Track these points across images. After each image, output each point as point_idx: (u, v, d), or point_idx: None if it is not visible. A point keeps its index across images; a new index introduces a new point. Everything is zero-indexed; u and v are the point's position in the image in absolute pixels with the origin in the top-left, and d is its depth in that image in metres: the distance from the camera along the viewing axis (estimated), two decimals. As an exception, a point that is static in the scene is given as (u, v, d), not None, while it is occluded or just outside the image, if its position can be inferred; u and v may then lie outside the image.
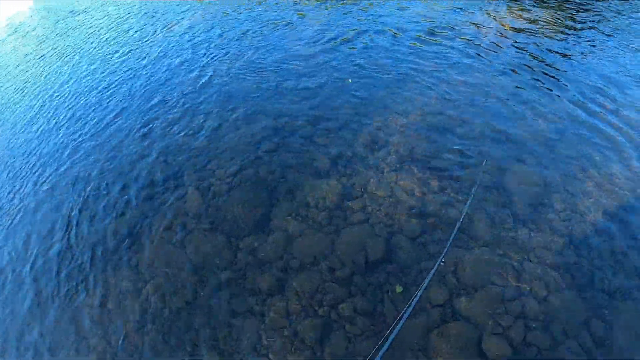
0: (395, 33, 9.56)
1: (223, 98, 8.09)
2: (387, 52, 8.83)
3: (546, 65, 8.06)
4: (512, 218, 5.22)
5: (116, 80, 9.73)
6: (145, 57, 10.51)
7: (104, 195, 6.41)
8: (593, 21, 9.62)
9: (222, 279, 5.01)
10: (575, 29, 9.36)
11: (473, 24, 9.75)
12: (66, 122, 8.72)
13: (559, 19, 9.84)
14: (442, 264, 4.33)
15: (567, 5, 10.49)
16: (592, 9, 10.25)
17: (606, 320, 4.27)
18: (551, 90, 7.32)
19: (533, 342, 4.17)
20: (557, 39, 8.94)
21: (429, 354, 4.20)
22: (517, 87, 7.46)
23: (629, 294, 4.46)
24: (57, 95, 9.95)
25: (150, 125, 7.63)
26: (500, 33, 9.28)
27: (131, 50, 11.24)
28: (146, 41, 11.58)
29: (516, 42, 8.88)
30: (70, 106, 9.27)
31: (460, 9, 10.59)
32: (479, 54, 8.46)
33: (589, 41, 8.79)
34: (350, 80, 6.67)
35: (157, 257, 5.34)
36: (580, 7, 10.38)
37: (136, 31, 12.61)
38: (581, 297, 4.43)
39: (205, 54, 9.97)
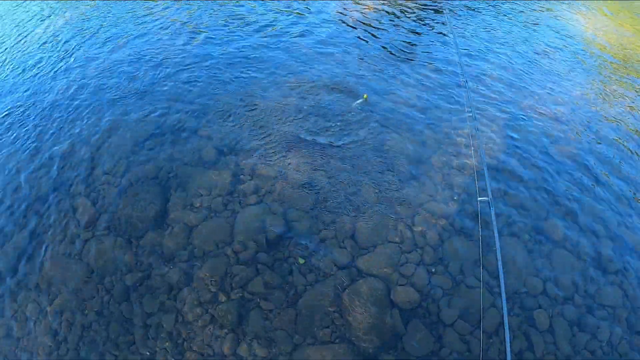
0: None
1: (94, 102, 7.61)
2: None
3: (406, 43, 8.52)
4: (397, 180, 5.52)
5: None
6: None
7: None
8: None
9: (129, 281, 4.97)
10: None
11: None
12: None
13: None
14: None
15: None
16: None
17: (496, 254, 4.68)
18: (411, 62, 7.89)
19: (436, 284, 4.53)
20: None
21: (344, 313, 4.44)
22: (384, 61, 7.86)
23: (511, 229, 4.93)
24: None
25: (27, 138, 7.10)
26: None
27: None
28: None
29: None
30: None
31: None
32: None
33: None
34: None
35: (57, 273, 5.16)
36: None
37: None
38: (471, 240, 4.82)
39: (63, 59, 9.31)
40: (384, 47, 8.55)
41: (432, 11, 10.07)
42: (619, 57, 9.23)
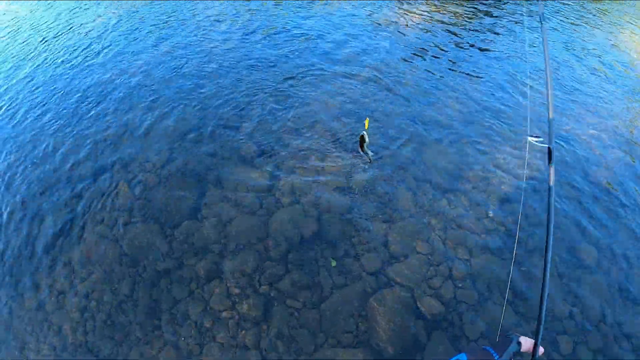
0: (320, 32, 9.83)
1: (144, 92, 8.02)
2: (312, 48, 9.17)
3: (457, 55, 8.68)
4: (433, 192, 5.61)
5: (28, 81, 9.28)
6: (64, 61, 10.08)
7: (31, 196, 6.22)
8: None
9: (160, 268, 5.08)
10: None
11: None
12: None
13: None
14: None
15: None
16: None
17: (524, 274, 4.71)
18: (462, 76, 7.98)
19: (462, 298, 4.57)
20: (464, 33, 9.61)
21: (369, 319, 4.48)
22: (431, 73, 8.01)
23: (541, 251, 4.94)
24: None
25: (73, 125, 7.39)
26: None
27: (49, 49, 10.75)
28: (54, 42, 11.08)
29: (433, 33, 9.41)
30: None
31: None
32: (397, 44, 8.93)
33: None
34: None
35: (92, 254, 5.32)
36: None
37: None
38: (500, 258, 4.87)
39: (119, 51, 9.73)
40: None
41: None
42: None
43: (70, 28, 11.31)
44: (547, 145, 1.72)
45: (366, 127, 5.39)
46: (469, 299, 4.60)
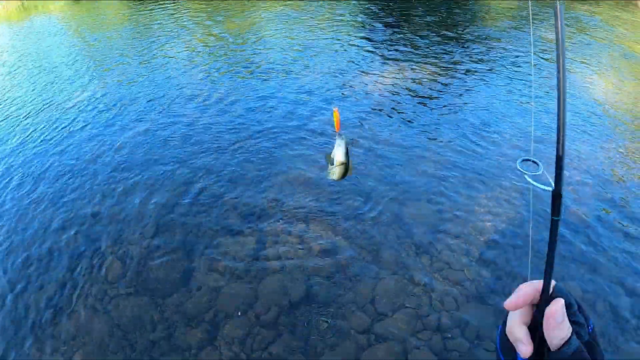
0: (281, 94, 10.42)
1: (123, 163, 8.33)
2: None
3: (425, 113, 9.35)
4: (414, 246, 5.95)
5: (13, 160, 9.43)
6: (57, 128, 10.39)
7: (18, 269, 6.26)
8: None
9: (152, 339, 5.16)
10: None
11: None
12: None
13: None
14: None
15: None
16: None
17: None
18: (432, 134, 8.51)
19: (453, 348, 4.82)
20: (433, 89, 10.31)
21: (361, 376, 4.68)
22: (400, 133, 8.56)
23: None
24: None
25: (59, 198, 7.58)
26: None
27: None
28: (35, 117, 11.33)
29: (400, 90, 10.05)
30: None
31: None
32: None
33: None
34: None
35: (82, 327, 5.36)
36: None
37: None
38: (487, 305, 5.18)
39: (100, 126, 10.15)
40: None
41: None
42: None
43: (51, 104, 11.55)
44: (550, 189, 1.05)
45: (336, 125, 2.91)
46: (459, 347, 4.83)
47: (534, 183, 1.07)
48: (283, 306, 5.29)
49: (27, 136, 9.99)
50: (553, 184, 1.01)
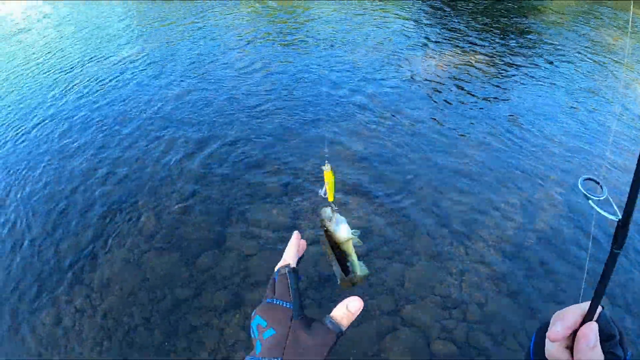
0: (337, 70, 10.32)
1: (166, 121, 8.44)
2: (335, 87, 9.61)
3: (477, 99, 9.11)
4: (450, 235, 5.90)
5: (63, 105, 9.68)
6: (102, 81, 10.59)
7: (58, 215, 6.43)
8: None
9: (180, 296, 5.22)
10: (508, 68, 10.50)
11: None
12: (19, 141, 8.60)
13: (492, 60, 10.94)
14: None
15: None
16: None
17: (541, 320, 4.95)
18: (482, 122, 8.32)
19: (475, 343, 4.77)
20: (490, 77, 10.05)
21: (382, 357, 4.67)
22: (453, 123, 8.40)
23: (558, 297, 5.22)
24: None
25: (105, 150, 7.78)
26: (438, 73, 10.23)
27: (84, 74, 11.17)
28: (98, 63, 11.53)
29: (455, 79, 9.87)
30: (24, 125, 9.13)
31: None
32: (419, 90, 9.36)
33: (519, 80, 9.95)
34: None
35: (113, 276, 5.47)
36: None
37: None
38: (516, 302, 5.12)
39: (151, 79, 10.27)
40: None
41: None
42: None
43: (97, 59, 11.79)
44: (615, 218, 0.91)
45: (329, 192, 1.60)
46: (482, 343, 4.77)
47: (598, 209, 0.98)
48: (312, 278, 5.28)
49: (73, 87, 10.29)
50: (619, 212, 0.90)
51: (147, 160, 7.33)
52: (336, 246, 1.35)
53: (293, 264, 1.22)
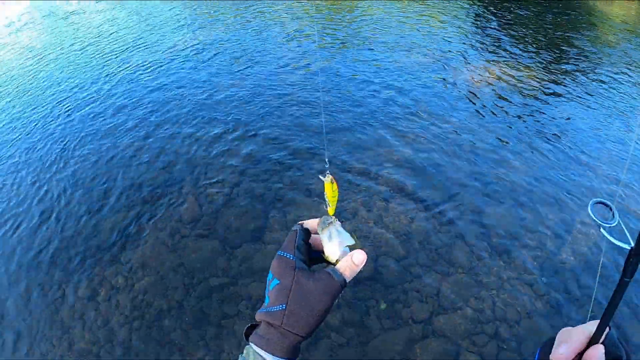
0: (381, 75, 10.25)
1: (225, 114, 8.50)
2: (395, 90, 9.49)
3: (520, 111, 8.90)
4: (489, 249, 5.73)
5: (114, 87, 10.01)
6: (153, 67, 10.91)
7: (102, 194, 6.57)
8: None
9: (215, 283, 5.21)
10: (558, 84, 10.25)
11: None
12: (66, 123, 8.90)
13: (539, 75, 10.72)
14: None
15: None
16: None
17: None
18: (529, 140, 8.09)
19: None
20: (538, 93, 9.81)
21: (411, 365, 4.54)
22: (497, 134, 8.19)
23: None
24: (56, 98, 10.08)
25: (154, 133, 7.95)
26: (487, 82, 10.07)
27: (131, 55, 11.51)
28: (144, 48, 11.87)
29: (501, 92, 9.69)
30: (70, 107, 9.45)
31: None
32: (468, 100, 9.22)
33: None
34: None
35: (151, 257, 5.51)
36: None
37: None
38: (550, 324, 4.92)
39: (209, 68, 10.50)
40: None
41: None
42: None
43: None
44: (627, 247, 0.87)
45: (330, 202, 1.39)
46: (513, 361, 4.63)
47: (608, 237, 0.94)
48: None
49: (125, 69, 10.65)
50: (631, 240, 0.85)
51: (194, 148, 7.40)
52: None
53: (306, 226, 1.25)
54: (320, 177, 1.26)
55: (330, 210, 1.32)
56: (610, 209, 0.97)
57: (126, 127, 8.20)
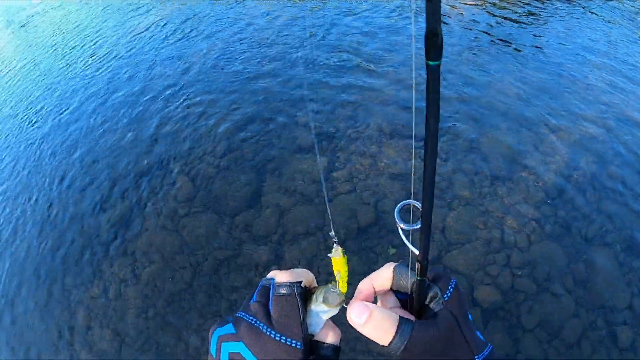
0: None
1: (202, 86, 8.26)
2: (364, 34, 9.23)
3: (513, 36, 8.62)
4: (490, 177, 5.60)
5: (97, 73, 9.82)
6: (126, 51, 10.58)
7: (90, 188, 6.49)
8: None
9: (220, 257, 5.16)
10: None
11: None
12: (45, 117, 8.77)
13: None
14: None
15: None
16: None
17: (586, 263, 4.69)
18: (517, 58, 7.83)
19: (520, 288, 4.54)
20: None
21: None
22: (487, 56, 7.94)
23: (603, 239, 4.91)
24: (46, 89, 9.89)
25: (134, 118, 7.77)
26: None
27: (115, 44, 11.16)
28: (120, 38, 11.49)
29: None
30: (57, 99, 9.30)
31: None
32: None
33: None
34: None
35: (153, 243, 5.45)
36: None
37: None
38: (561, 245, 4.84)
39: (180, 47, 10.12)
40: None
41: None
42: None
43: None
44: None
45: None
46: (527, 288, 4.54)
47: (406, 241, 0.89)
48: (351, 229, 5.10)
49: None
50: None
51: (179, 126, 7.21)
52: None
53: (300, 281, 0.90)
54: (329, 255, 0.95)
55: (343, 287, 0.97)
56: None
57: (99, 116, 8.09)
